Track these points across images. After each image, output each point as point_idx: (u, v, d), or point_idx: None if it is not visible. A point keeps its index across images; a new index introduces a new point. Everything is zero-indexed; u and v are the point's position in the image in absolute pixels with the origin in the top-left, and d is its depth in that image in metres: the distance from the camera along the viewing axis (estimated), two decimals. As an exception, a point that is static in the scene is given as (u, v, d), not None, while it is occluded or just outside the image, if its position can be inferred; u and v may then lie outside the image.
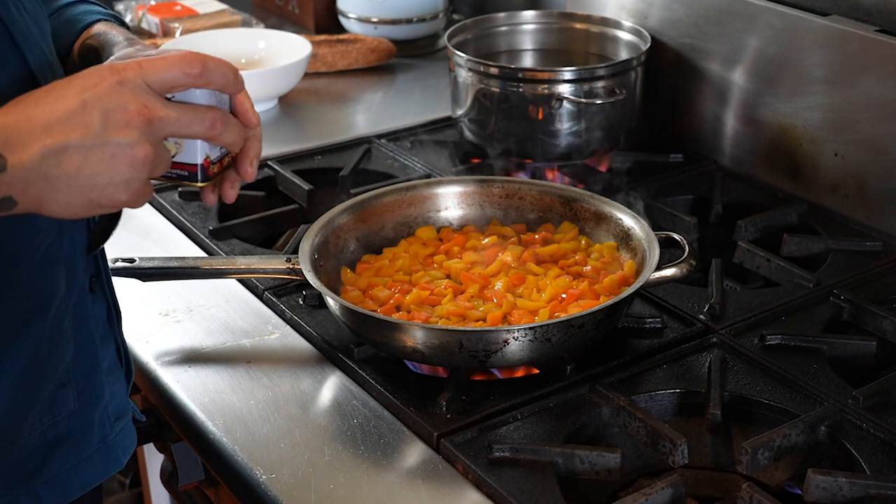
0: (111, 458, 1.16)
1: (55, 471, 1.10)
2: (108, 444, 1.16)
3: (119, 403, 1.18)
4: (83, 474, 1.13)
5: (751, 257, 1.60)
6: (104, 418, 1.15)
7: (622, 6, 2.02)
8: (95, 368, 1.13)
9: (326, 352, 1.40)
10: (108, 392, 1.15)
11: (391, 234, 1.54)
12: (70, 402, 1.10)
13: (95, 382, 1.13)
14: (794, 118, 1.77)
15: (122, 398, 1.19)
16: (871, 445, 1.21)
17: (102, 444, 1.15)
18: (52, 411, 1.09)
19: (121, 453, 1.18)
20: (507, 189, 1.57)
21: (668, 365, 1.35)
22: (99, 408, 1.14)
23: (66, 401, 1.10)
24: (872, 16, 1.68)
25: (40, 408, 1.07)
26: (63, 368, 1.09)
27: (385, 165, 1.91)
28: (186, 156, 1.03)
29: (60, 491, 1.11)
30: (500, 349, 1.26)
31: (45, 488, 1.09)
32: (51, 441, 1.09)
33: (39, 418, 1.08)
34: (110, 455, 1.16)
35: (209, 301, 1.52)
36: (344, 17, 2.51)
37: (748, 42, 1.82)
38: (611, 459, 1.18)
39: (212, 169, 1.05)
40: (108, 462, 1.16)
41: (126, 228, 1.70)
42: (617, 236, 1.48)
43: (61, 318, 1.07)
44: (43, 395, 1.07)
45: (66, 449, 1.11)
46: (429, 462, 1.21)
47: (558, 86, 1.79)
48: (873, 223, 1.67)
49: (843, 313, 1.47)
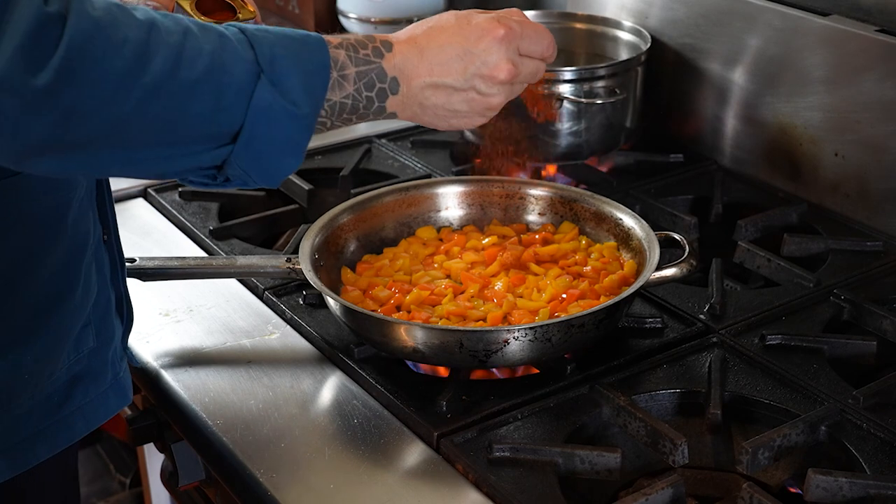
0: (121, 393, 1.26)
1: (78, 403, 1.20)
2: (119, 380, 1.25)
3: (120, 347, 1.27)
4: (102, 406, 1.23)
5: (751, 257, 1.60)
6: (114, 357, 1.24)
7: (622, 6, 2.02)
8: (108, 312, 1.22)
9: (326, 352, 1.40)
10: (116, 335, 1.24)
11: (391, 234, 1.54)
12: (91, 340, 1.20)
13: (108, 324, 1.22)
14: (794, 118, 1.77)
15: (121, 342, 1.28)
16: (871, 445, 1.21)
17: (115, 381, 1.24)
18: (77, 349, 1.18)
19: (127, 390, 1.27)
20: (507, 189, 1.57)
21: (668, 365, 1.35)
22: (111, 348, 1.23)
23: (87, 339, 1.20)
24: (872, 16, 1.68)
25: (70, 345, 1.17)
26: (89, 309, 1.19)
27: (385, 165, 1.91)
28: None
29: (84, 422, 1.21)
30: (501, 349, 1.26)
31: (70, 419, 1.19)
32: (74, 377, 1.19)
33: (68, 355, 1.17)
34: (121, 391, 1.26)
35: (209, 301, 1.52)
36: (344, 17, 2.51)
37: (748, 42, 1.82)
38: (611, 459, 1.18)
39: None
40: (119, 397, 1.25)
41: (126, 228, 1.70)
42: (617, 236, 1.48)
43: (90, 262, 1.18)
44: (73, 333, 1.17)
45: (87, 384, 1.20)
46: (429, 462, 1.21)
47: (558, 86, 1.79)
48: (873, 223, 1.67)
49: (844, 313, 1.47)
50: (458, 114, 1.14)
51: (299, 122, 1.01)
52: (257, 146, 0.99)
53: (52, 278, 1.13)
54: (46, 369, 1.15)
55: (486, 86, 1.13)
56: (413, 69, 1.10)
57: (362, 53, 1.07)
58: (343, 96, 1.06)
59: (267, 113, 0.98)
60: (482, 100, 1.13)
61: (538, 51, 1.17)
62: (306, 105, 1.01)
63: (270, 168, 1.03)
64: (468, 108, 1.14)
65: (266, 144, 1.00)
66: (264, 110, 0.98)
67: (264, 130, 0.99)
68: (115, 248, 1.26)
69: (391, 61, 1.09)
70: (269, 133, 1.00)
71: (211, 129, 0.97)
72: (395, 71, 1.09)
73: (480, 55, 1.11)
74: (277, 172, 1.04)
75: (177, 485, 1.41)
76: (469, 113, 1.14)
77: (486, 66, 1.12)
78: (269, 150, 1.01)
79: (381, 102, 1.09)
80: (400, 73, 1.09)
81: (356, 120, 1.09)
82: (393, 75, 1.09)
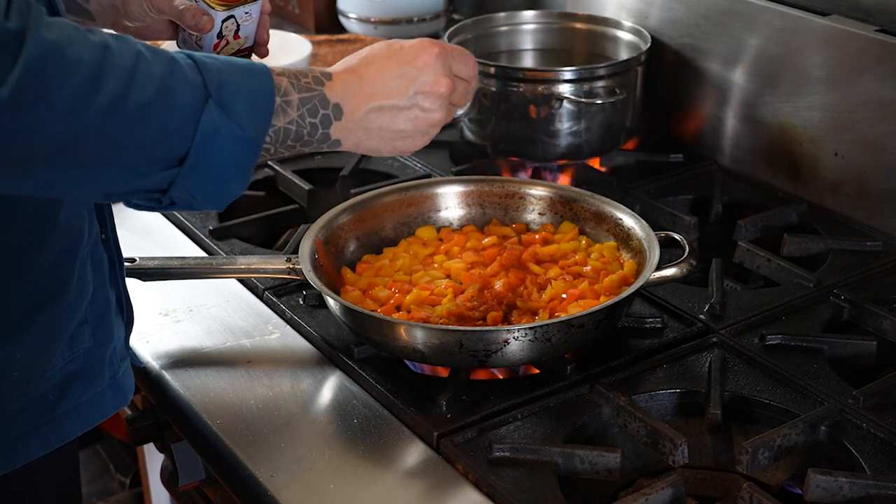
0: (119, 394, 1.25)
1: (73, 402, 1.19)
2: (117, 381, 1.24)
3: (121, 347, 1.26)
4: (98, 406, 1.22)
5: (751, 257, 1.60)
6: (113, 357, 1.23)
7: (622, 6, 2.02)
8: (107, 311, 1.22)
9: (326, 352, 1.40)
10: (116, 334, 1.24)
11: (391, 234, 1.54)
12: (87, 339, 1.19)
13: (106, 324, 1.22)
14: (794, 118, 1.77)
15: (123, 342, 1.27)
16: (871, 445, 1.21)
17: (112, 381, 1.24)
18: (72, 347, 1.18)
19: (127, 391, 1.26)
20: (507, 189, 1.57)
21: (668, 365, 1.35)
22: (109, 347, 1.22)
23: (83, 338, 1.19)
24: (872, 16, 1.68)
25: (64, 343, 1.17)
26: (84, 308, 1.18)
27: (385, 165, 1.91)
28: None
29: (79, 421, 1.20)
30: (501, 349, 1.26)
31: (65, 418, 1.19)
32: (69, 375, 1.18)
33: (62, 353, 1.17)
34: (119, 391, 1.25)
35: (209, 301, 1.52)
36: (344, 17, 2.51)
37: (748, 42, 1.82)
38: (611, 459, 1.18)
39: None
40: (117, 397, 1.25)
41: (126, 228, 1.70)
42: (617, 236, 1.48)
43: (85, 260, 1.18)
44: (68, 332, 1.16)
45: (83, 383, 1.20)
46: (429, 462, 1.21)
47: (558, 86, 1.79)
48: (873, 223, 1.67)
49: (844, 313, 1.47)
50: (403, 134, 1.16)
51: (245, 146, 1.04)
52: (204, 169, 1.01)
53: (44, 275, 1.13)
54: (39, 367, 1.15)
55: (429, 101, 1.16)
56: (355, 95, 1.12)
57: (304, 81, 1.09)
58: (287, 122, 1.08)
59: (214, 136, 1.00)
60: (425, 117, 1.16)
61: (466, 72, 1.20)
62: (252, 129, 1.04)
63: (216, 192, 1.05)
64: (413, 127, 1.16)
65: (212, 168, 1.02)
66: (211, 134, 1.00)
67: (211, 154, 1.01)
68: (114, 246, 1.26)
69: (333, 89, 1.11)
70: (216, 156, 1.02)
71: (159, 152, 0.99)
72: (337, 97, 1.11)
73: (420, 72, 1.15)
74: (223, 196, 1.06)
75: (177, 485, 1.41)
76: (413, 132, 1.17)
77: (427, 83, 1.15)
78: (215, 173, 1.03)
79: (325, 129, 1.11)
80: (342, 99, 1.12)
81: (300, 147, 1.11)
82: (336, 101, 1.11)
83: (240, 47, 1.33)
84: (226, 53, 1.30)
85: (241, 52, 1.33)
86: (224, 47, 1.31)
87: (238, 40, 1.31)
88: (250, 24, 1.31)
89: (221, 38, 1.29)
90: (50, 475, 1.26)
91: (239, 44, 1.32)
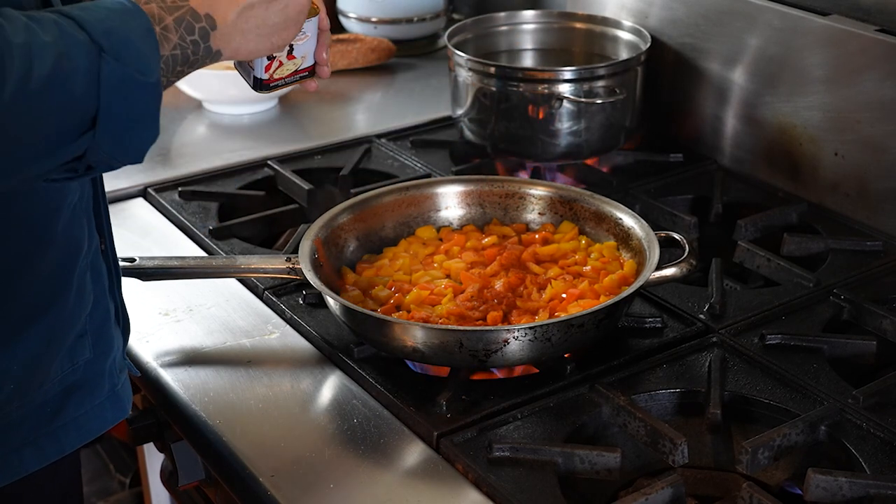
0: (119, 405, 1.24)
1: (72, 415, 1.18)
2: (116, 392, 1.23)
3: (120, 358, 1.25)
4: (97, 419, 1.21)
5: (751, 257, 1.60)
6: (112, 369, 1.22)
7: (622, 6, 2.02)
8: (107, 322, 1.21)
9: (326, 351, 1.40)
10: (115, 345, 1.23)
11: (391, 234, 1.54)
12: (87, 351, 1.18)
13: (106, 334, 1.21)
14: (794, 118, 1.77)
15: (122, 354, 1.26)
16: (871, 445, 1.21)
17: (112, 393, 1.22)
18: (71, 359, 1.17)
19: (126, 402, 1.25)
20: (507, 189, 1.57)
21: (668, 364, 1.35)
22: (109, 359, 1.21)
23: (83, 350, 1.18)
24: (872, 16, 1.68)
25: (62, 355, 1.15)
26: (83, 319, 1.17)
27: (385, 165, 1.91)
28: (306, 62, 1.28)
29: (77, 434, 1.19)
30: (500, 349, 1.26)
31: (63, 431, 1.17)
32: (68, 387, 1.17)
33: (61, 365, 1.16)
34: (118, 403, 1.24)
35: (209, 301, 1.52)
36: (344, 16, 2.51)
37: (748, 42, 1.82)
38: (611, 459, 1.18)
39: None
40: (116, 409, 1.23)
41: (126, 228, 1.70)
42: (617, 236, 1.48)
43: (84, 271, 1.17)
44: (66, 344, 1.15)
45: (82, 395, 1.19)
46: (429, 462, 1.21)
47: (558, 86, 1.79)
48: (873, 223, 1.67)
49: (843, 313, 1.47)
50: (278, 27, 1.16)
51: (151, 91, 1.02)
52: (116, 124, 1.00)
53: (41, 285, 1.11)
54: (36, 378, 1.13)
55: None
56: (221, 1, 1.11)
57: (169, 1, 1.08)
58: (171, 49, 1.06)
59: (119, 88, 0.99)
60: (294, 2, 1.16)
61: None
62: (151, 72, 1.02)
63: (132, 144, 1.03)
64: (284, 18, 1.16)
65: (124, 121, 1.01)
66: (116, 86, 0.99)
67: (120, 106, 0.99)
68: (112, 257, 1.25)
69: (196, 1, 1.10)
70: (125, 108, 1.00)
71: (70, 119, 0.98)
72: (205, 7, 1.10)
73: None
74: (139, 147, 1.05)
75: (177, 484, 1.41)
76: (286, 22, 1.16)
77: None
78: (128, 126, 1.01)
79: (205, 43, 1.10)
80: (210, 8, 1.10)
81: (187, 70, 1.10)
82: (205, 12, 1.10)
83: (297, 68, 1.27)
84: (280, 75, 1.25)
85: (299, 73, 1.27)
86: (278, 69, 1.26)
87: (294, 60, 1.26)
88: (306, 42, 1.25)
89: (273, 59, 1.24)
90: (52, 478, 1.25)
91: (295, 64, 1.27)
